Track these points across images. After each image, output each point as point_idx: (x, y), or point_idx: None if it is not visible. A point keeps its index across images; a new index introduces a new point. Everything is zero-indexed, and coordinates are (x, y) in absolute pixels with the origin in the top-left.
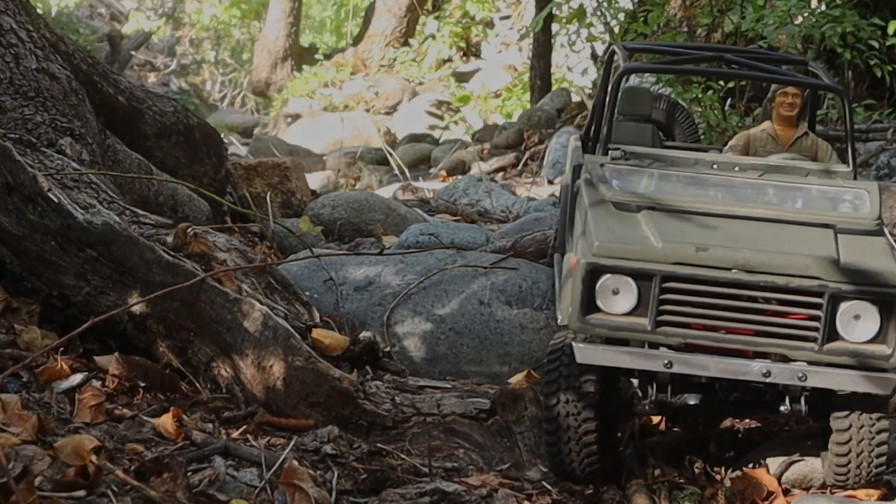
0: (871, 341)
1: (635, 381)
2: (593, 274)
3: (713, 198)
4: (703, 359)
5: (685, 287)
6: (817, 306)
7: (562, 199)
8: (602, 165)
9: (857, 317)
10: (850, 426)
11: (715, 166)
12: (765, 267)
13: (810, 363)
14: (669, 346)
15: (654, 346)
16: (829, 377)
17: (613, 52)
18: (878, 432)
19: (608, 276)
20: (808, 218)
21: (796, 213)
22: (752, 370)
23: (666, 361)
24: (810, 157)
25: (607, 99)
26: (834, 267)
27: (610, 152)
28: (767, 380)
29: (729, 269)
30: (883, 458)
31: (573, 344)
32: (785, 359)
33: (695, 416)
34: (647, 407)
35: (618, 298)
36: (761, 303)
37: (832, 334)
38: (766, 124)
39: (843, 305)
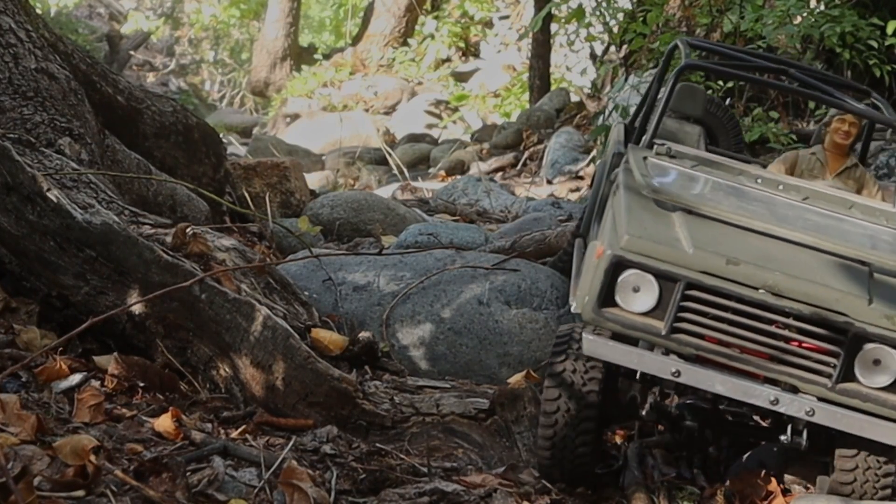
0: (886, 389)
1: (637, 384)
2: (617, 267)
3: (752, 212)
4: (711, 374)
5: (708, 298)
6: (839, 343)
7: (595, 183)
8: (645, 158)
9: (876, 361)
10: (857, 467)
11: (759, 181)
12: (793, 293)
13: (820, 399)
14: (680, 355)
15: (664, 351)
16: (837, 417)
17: (675, 48)
18: (885, 475)
19: (632, 271)
20: (845, 251)
21: (834, 245)
22: (761, 395)
23: (674, 370)
24: (855, 189)
25: (662, 93)
26: (863, 306)
27: (655, 147)
28: (774, 408)
29: (756, 289)
30: (886, 502)
31: (583, 334)
32: (794, 389)
33: (692, 428)
34: (644, 412)
35: (637, 297)
36: (781, 328)
37: (848, 375)
38: (817, 148)
39: (866, 347)
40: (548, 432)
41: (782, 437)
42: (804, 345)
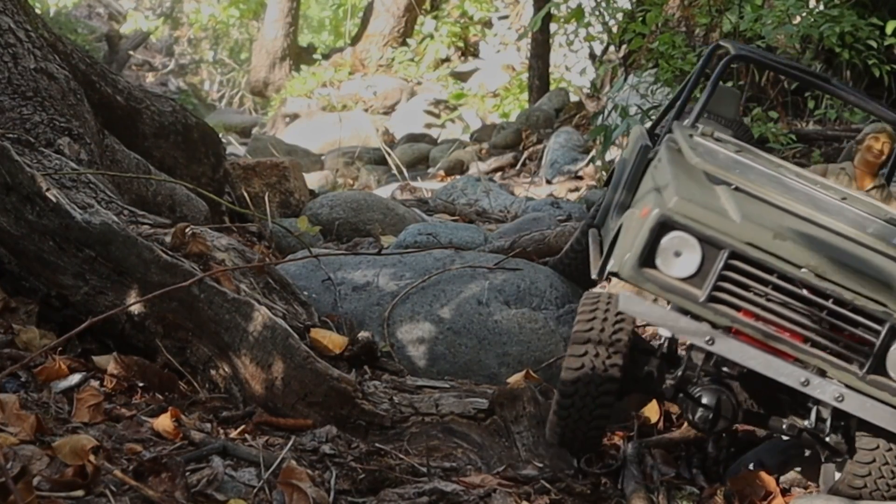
0: None
1: (654, 361)
2: (662, 227)
3: (796, 198)
4: (745, 347)
5: (751, 270)
6: (875, 332)
7: (615, 176)
8: (691, 136)
9: None
10: (878, 447)
11: (798, 176)
12: (836, 277)
13: (848, 386)
14: (713, 325)
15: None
16: (867, 406)
17: (717, 47)
18: None
19: (676, 234)
20: (885, 249)
21: (874, 241)
22: (791, 374)
23: (709, 338)
24: None
25: (708, 82)
26: None
27: (701, 127)
28: (804, 389)
29: (799, 268)
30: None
31: (620, 292)
32: (823, 374)
33: (707, 411)
34: (664, 387)
35: (678, 261)
36: (818, 311)
37: (879, 367)
38: (847, 164)
39: None
40: (569, 389)
41: (805, 423)
42: (841, 332)
